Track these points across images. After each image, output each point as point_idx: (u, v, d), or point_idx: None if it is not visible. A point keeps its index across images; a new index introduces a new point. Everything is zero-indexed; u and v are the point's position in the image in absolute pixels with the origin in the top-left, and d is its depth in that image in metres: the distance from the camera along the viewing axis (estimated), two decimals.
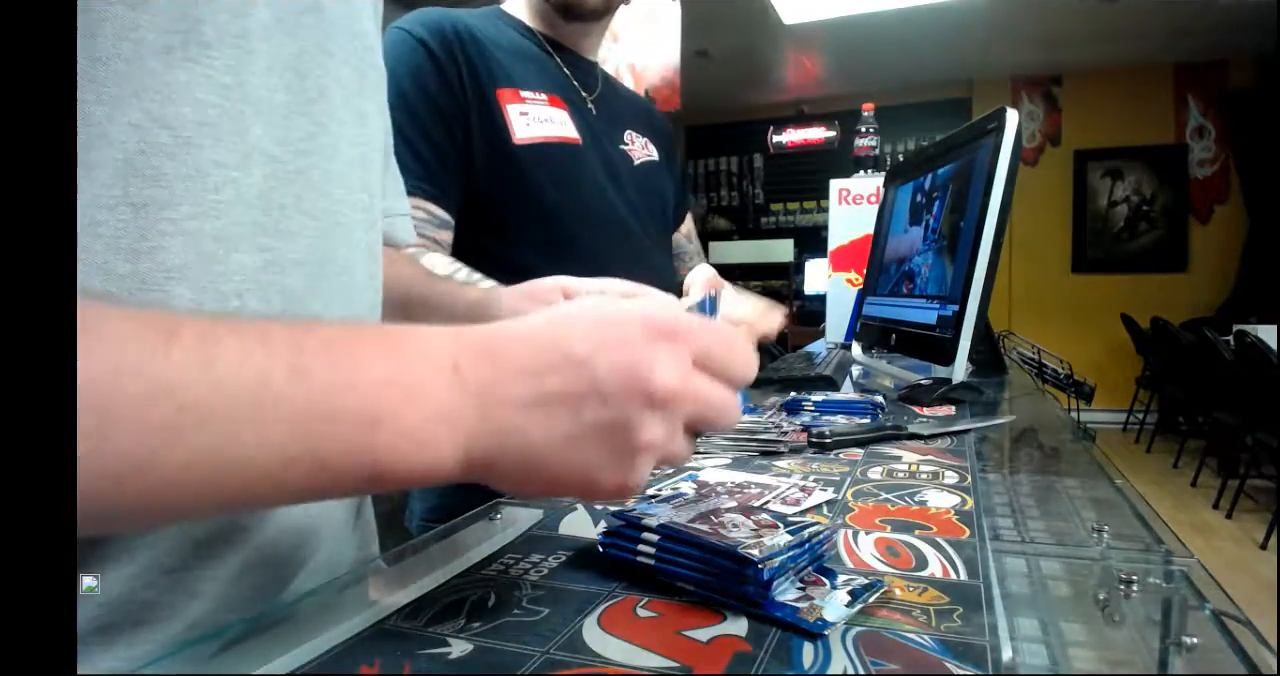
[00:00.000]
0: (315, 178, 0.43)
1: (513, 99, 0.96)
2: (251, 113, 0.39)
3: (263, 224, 0.40)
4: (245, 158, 0.39)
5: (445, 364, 0.30)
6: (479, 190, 0.94)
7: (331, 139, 0.44)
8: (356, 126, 0.47)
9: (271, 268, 0.40)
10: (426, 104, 0.91)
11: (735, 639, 0.33)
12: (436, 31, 0.93)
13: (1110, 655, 0.35)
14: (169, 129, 0.35)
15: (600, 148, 1.03)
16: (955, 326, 0.96)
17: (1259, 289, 5.24)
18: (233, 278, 0.38)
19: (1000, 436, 0.80)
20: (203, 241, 0.37)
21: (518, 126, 0.95)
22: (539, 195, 0.95)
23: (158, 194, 0.35)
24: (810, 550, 0.39)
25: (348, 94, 0.46)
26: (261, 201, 0.40)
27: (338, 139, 0.44)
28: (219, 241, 0.38)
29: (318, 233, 0.43)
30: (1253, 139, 5.39)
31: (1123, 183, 5.87)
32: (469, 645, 0.33)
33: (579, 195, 0.99)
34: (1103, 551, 0.44)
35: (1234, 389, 3.59)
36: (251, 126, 0.39)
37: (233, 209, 0.38)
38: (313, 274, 0.43)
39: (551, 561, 0.43)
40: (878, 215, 1.51)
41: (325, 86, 0.44)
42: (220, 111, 0.37)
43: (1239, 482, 3.55)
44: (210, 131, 0.37)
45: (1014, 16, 4.62)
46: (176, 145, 0.36)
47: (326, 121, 0.44)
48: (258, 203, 0.39)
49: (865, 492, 0.56)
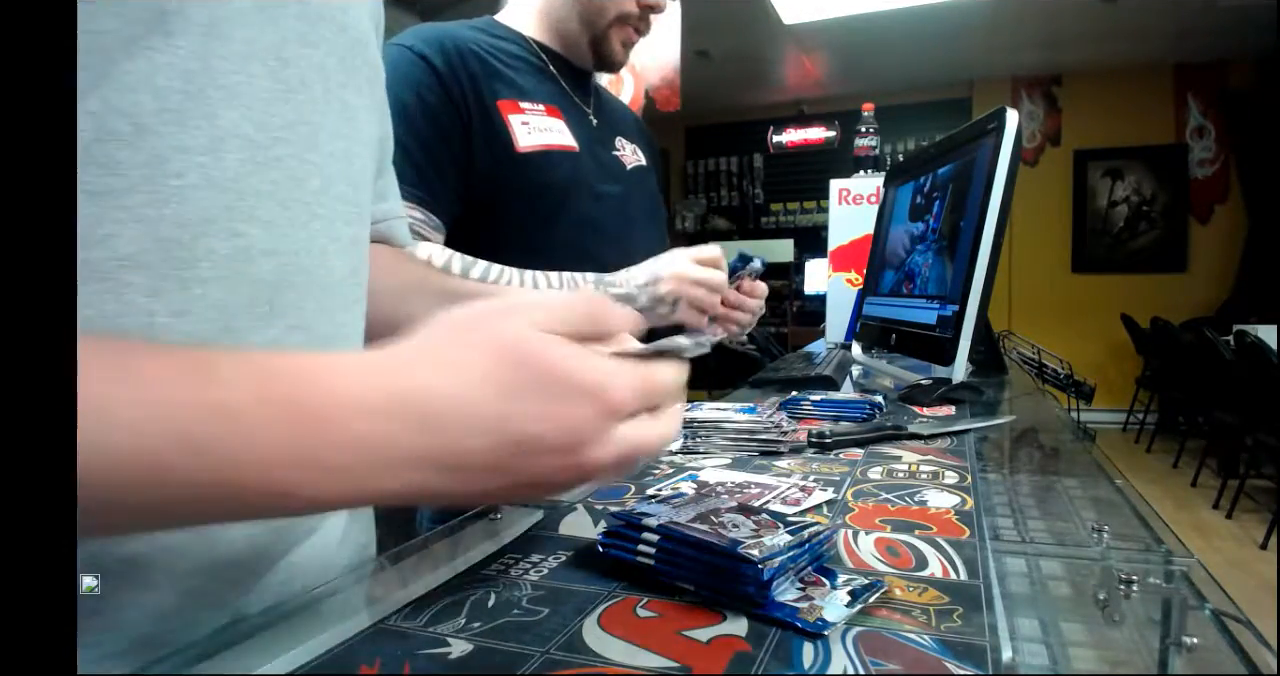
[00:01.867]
0: (292, 165, 0.42)
1: (514, 110, 0.98)
2: (223, 98, 0.38)
3: (236, 208, 0.39)
4: (216, 142, 0.38)
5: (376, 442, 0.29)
6: (482, 197, 0.96)
7: (311, 129, 0.43)
8: (340, 119, 0.46)
9: (241, 255, 0.39)
10: (426, 116, 0.93)
11: (735, 639, 0.33)
12: (437, 47, 0.96)
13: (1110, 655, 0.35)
14: (126, 116, 0.35)
15: (596, 155, 1.07)
16: (955, 326, 0.96)
17: (1259, 289, 5.24)
18: (199, 265, 0.38)
19: (1000, 436, 0.80)
20: (161, 227, 0.36)
21: (520, 136, 0.97)
22: (540, 201, 0.99)
23: (114, 182, 0.35)
24: (810, 550, 0.39)
25: (331, 86, 0.45)
26: (235, 186, 0.39)
27: (318, 129, 0.44)
28: (183, 227, 0.37)
29: (291, 222, 0.42)
30: (1253, 139, 5.39)
31: (1123, 183, 5.87)
32: (469, 645, 0.33)
33: (578, 201, 1.02)
34: (1103, 551, 0.44)
35: (1234, 389, 3.58)
36: (222, 111, 0.38)
37: (200, 194, 0.37)
38: (285, 265, 0.42)
39: (551, 561, 0.43)
40: (878, 215, 1.51)
41: (307, 77, 0.43)
42: (184, 97, 0.37)
43: (1239, 482, 3.55)
44: (173, 117, 0.36)
45: (1014, 17, 4.62)
46: (134, 133, 0.35)
47: (307, 111, 0.43)
48: (231, 187, 0.39)
49: (865, 492, 0.56)
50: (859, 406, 0.85)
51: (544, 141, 0.99)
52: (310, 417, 0.29)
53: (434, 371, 0.31)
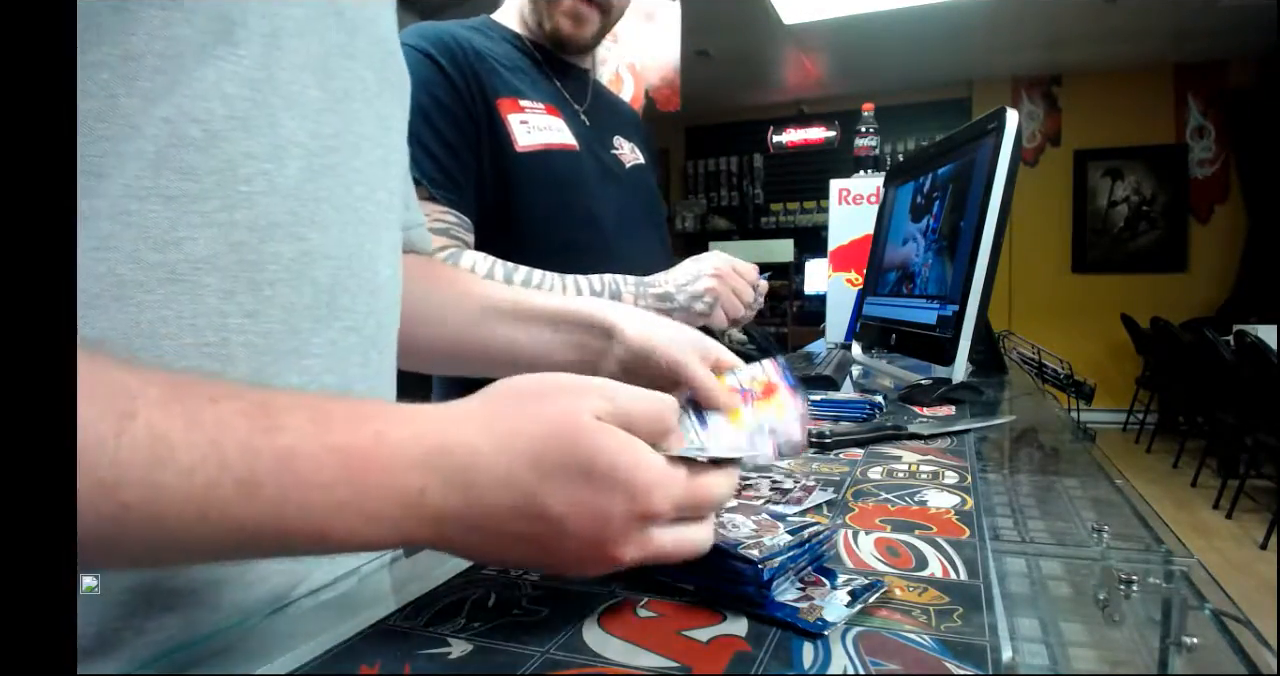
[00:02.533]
0: (343, 173, 0.44)
1: (513, 108, 0.98)
2: (282, 106, 0.40)
3: (299, 214, 0.41)
4: (278, 150, 0.39)
5: (410, 492, 0.30)
6: (485, 196, 0.97)
7: (355, 137, 0.45)
8: (378, 128, 0.48)
9: (304, 258, 0.41)
10: (442, 113, 0.93)
11: (735, 639, 0.33)
12: (440, 45, 0.95)
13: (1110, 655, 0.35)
14: (198, 123, 0.36)
15: (594, 153, 1.06)
16: (955, 326, 0.96)
17: (1259, 289, 5.24)
18: (267, 267, 0.39)
19: (1000, 436, 0.80)
20: (234, 232, 0.38)
21: (519, 135, 0.97)
22: (540, 200, 0.98)
23: (188, 187, 0.36)
24: (810, 550, 0.39)
25: (369, 96, 0.47)
26: (296, 192, 0.41)
27: (360, 138, 0.46)
28: (253, 231, 0.38)
29: (345, 227, 0.44)
30: (1253, 139, 5.39)
31: (1123, 183, 5.87)
32: (469, 645, 0.33)
33: (579, 199, 1.02)
34: (1103, 551, 0.44)
35: (1234, 389, 3.58)
36: (283, 120, 0.40)
37: (266, 199, 0.39)
38: (341, 268, 0.43)
39: None
40: (878, 215, 1.51)
41: (349, 87, 0.45)
42: (250, 105, 0.38)
43: (1239, 482, 3.55)
44: (240, 125, 0.38)
45: (1014, 17, 4.62)
46: (206, 139, 0.36)
47: (351, 121, 0.45)
48: (293, 193, 0.40)
49: (865, 492, 0.56)
50: (859, 406, 0.85)
51: (544, 140, 0.99)
52: (359, 466, 0.29)
53: (479, 432, 0.31)
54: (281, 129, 0.40)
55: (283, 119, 0.40)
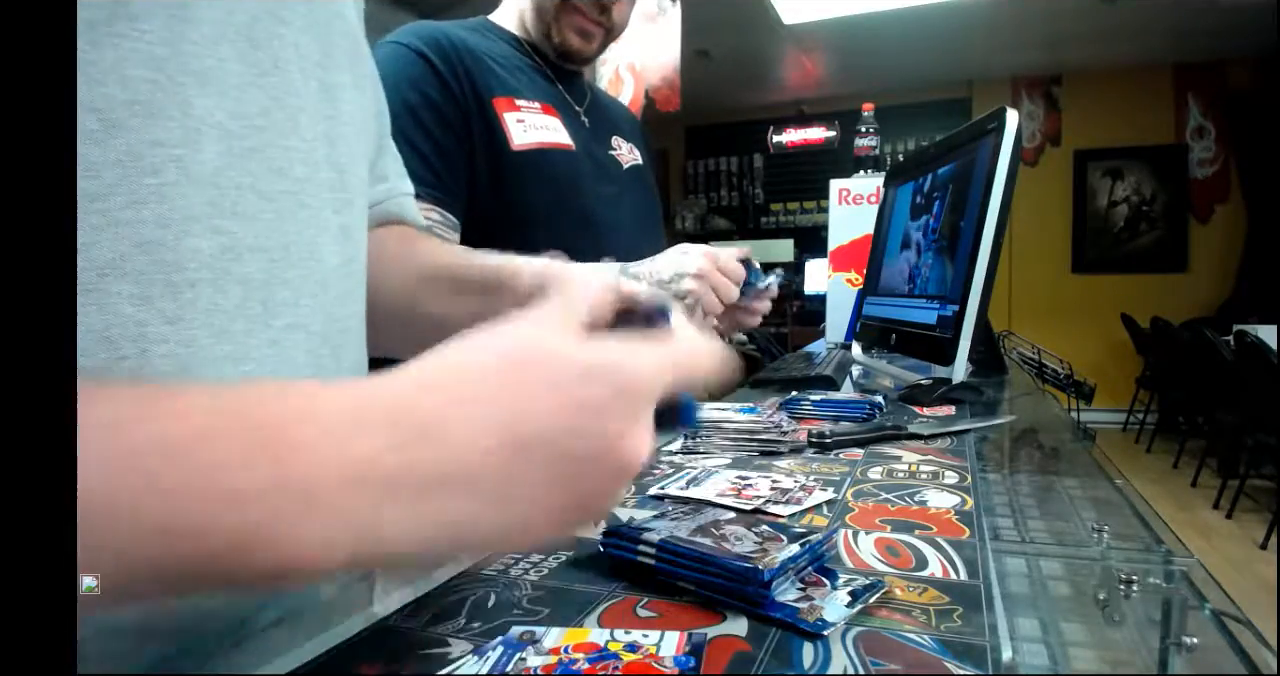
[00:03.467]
0: (272, 154, 0.39)
1: (509, 107, 0.98)
2: (194, 85, 0.36)
3: (219, 204, 0.36)
4: (191, 134, 0.35)
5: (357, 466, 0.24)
6: (479, 196, 0.96)
7: (289, 113, 0.41)
8: (321, 100, 0.44)
9: (228, 253, 0.37)
10: (431, 112, 0.93)
11: (735, 639, 0.33)
12: (433, 43, 0.95)
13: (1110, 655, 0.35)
14: (95, 112, 0.32)
15: (592, 153, 1.06)
16: (955, 326, 0.96)
17: (1259, 289, 5.24)
18: (186, 267, 0.35)
19: (1000, 436, 0.80)
20: (143, 229, 0.34)
21: (515, 134, 0.97)
22: (537, 199, 0.98)
23: (87, 185, 0.32)
24: (810, 550, 0.39)
25: (308, 65, 0.43)
26: (215, 180, 0.36)
27: (296, 113, 0.41)
28: (165, 227, 0.34)
29: (278, 214, 0.40)
30: (1253, 139, 5.39)
31: (1123, 182, 5.87)
32: (469, 645, 0.33)
33: (575, 199, 1.02)
34: (1103, 551, 0.44)
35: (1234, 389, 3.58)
36: (195, 100, 0.36)
37: (179, 190, 0.35)
38: (274, 260, 0.39)
39: (551, 561, 0.43)
40: (878, 215, 1.51)
41: (280, 57, 0.40)
42: (154, 86, 0.34)
43: (1239, 482, 3.55)
44: (144, 110, 0.34)
45: (1014, 17, 4.62)
46: (104, 130, 0.32)
47: (283, 95, 0.41)
48: (211, 182, 0.36)
49: (865, 492, 0.56)
50: (859, 406, 0.85)
51: (540, 140, 0.99)
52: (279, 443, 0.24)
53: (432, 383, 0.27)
54: (194, 110, 0.35)
55: (195, 99, 0.35)
